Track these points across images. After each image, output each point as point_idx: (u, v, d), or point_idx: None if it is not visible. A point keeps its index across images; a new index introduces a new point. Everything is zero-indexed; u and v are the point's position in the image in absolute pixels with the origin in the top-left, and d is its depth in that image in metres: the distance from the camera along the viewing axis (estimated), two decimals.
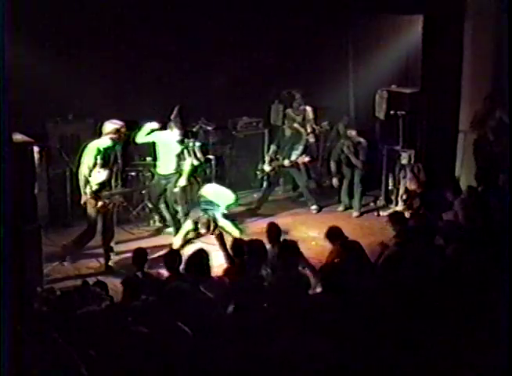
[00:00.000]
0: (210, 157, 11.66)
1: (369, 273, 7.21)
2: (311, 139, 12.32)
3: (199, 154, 11.42)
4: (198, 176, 11.45)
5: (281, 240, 7.95)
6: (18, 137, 7.93)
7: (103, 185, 9.02)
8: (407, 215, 10.91)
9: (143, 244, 9.79)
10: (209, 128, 11.92)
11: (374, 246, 8.14)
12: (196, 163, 11.33)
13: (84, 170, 8.98)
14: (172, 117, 10.93)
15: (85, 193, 9.03)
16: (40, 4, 10.00)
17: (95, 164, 8.93)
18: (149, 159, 11.16)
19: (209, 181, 11.68)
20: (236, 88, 12.42)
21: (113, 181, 9.34)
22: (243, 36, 12.17)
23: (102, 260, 9.46)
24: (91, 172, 8.94)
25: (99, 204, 9.03)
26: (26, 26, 9.75)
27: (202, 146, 11.56)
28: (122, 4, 10.91)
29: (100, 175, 8.94)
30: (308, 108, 12.44)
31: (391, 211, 11.17)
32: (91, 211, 9.12)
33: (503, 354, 5.10)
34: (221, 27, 11.86)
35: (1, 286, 5.52)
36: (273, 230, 8.14)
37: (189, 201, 11.28)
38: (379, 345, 5.63)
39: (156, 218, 10.87)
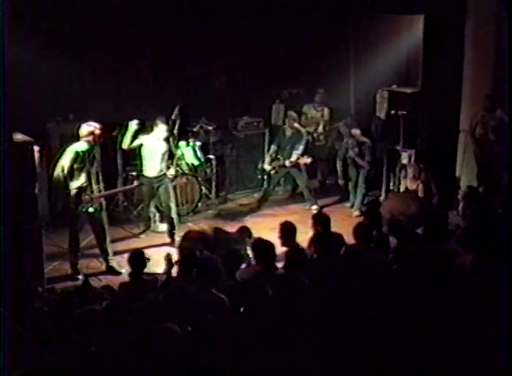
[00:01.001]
0: (211, 156, 11.68)
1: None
2: (322, 141, 12.37)
3: (199, 154, 11.45)
4: (199, 176, 11.48)
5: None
6: (18, 137, 7.94)
7: (82, 189, 8.89)
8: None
9: (143, 243, 9.91)
10: (210, 127, 11.93)
11: None
12: (196, 163, 11.36)
13: (58, 173, 8.84)
14: (173, 116, 10.96)
15: (62, 197, 8.95)
16: (40, 4, 10.00)
17: (71, 169, 8.80)
18: None
19: (209, 181, 11.70)
20: (236, 88, 12.44)
21: (94, 184, 9.13)
22: (243, 36, 12.18)
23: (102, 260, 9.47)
24: (68, 177, 8.81)
25: (83, 209, 8.92)
26: (26, 26, 9.75)
27: (202, 145, 11.59)
28: (122, 4, 10.90)
29: (78, 180, 8.85)
30: (326, 109, 12.54)
31: None
32: (67, 215, 9.05)
33: (503, 354, 5.10)
34: (221, 27, 11.87)
35: (2, 285, 5.53)
36: (289, 228, 8.11)
37: (190, 201, 11.32)
38: (378, 346, 5.63)
39: (157, 217, 10.89)
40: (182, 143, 11.32)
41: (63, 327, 5.84)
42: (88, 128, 8.97)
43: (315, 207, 11.77)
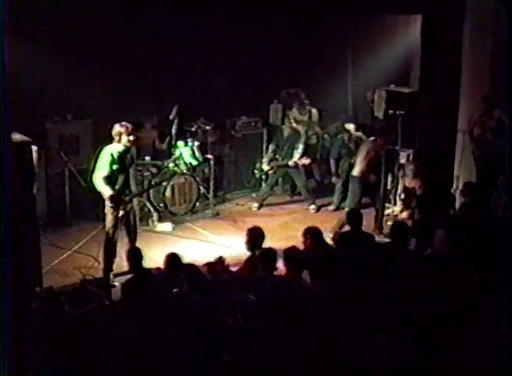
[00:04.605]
0: (209, 156, 11.67)
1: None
2: (314, 141, 12.41)
3: (197, 154, 11.45)
4: (197, 176, 11.49)
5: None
6: (17, 137, 7.92)
7: (121, 191, 8.71)
8: (405, 214, 11.01)
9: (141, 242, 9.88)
10: (208, 127, 11.93)
11: None
12: (194, 163, 11.36)
13: (99, 175, 8.58)
14: (171, 116, 10.98)
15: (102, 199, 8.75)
16: (40, 4, 9.98)
17: (111, 171, 8.59)
18: (147, 159, 11.19)
19: (207, 180, 11.70)
20: (234, 88, 12.43)
21: (132, 185, 9.14)
22: (242, 36, 12.18)
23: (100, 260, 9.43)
24: (107, 179, 8.58)
25: (120, 212, 8.71)
26: (26, 26, 9.73)
27: (200, 145, 11.59)
28: (121, 4, 10.89)
29: (117, 182, 8.65)
30: (314, 110, 12.53)
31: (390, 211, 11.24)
32: (110, 219, 8.75)
33: (503, 354, 5.10)
34: (220, 27, 11.86)
35: (1, 286, 5.52)
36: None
37: (188, 201, 11.32)
38: (377, 346, 5.64)
39: (155, 217, 10.90)
40: (181, 143, 11.32)
41: (59, 327, 5.85)
42: (119, 128, 8.70)
43: (312, 206, 11.78)
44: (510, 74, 9.79)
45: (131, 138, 8.75)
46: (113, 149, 8.68)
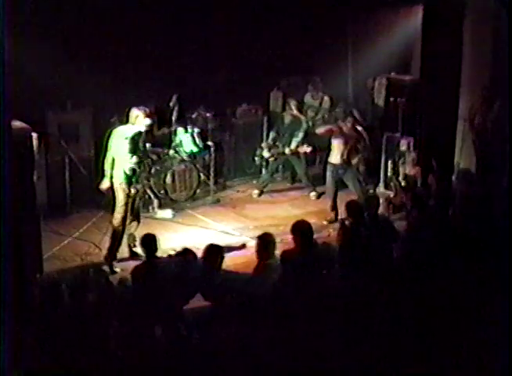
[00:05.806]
0: (210, 143, 11.66)
1: None
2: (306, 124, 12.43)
3: (198, 140, 11.45)
4: (197, 163, 11.49)
5: None
6: (17, 124, 7.92)
7: (134, 171, 8.80)
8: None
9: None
10: (208, 114, 11.91)
11: None
12: (195, 150, 11.37)
13: (113, 155, 8.76)
14: (171, 104, 10.96)
15: (111, 179, 8.86)
16: None
17: (128, 150, 8.71)
18: (148, 145, 11.16)
19: (208, 167, 11.69)
20: (235, 76, 12.41)
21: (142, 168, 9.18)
22: (243, 24, 12.16)
23: (101, 246, 9.45)
24: (121, 159, 8.73)
25: (132, 190, 8.84)
26: (25, 16, 9.72)
27: (201, 132, 11.58)
28: None
29: (131, 163, 8.75)
30: (326, 97, 12.54)
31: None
32: (122, 197, 8.85)
33: (503, 354, 5.10)
34: (221, 16, 11.84)
35: (1, 274, 5.55)
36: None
37: (188, 188, 11.34)
38: (376, 346, 5.65)
39: (155, 204, 10.92)
40: (180, 130, 11.31)
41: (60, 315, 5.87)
42: (137, 111, 8.80)
43: (313, 193, 11.78)
44: (510, 63, 9.78)
45: (148, 121, 8.86)
46: (126, 130, 8.78)
